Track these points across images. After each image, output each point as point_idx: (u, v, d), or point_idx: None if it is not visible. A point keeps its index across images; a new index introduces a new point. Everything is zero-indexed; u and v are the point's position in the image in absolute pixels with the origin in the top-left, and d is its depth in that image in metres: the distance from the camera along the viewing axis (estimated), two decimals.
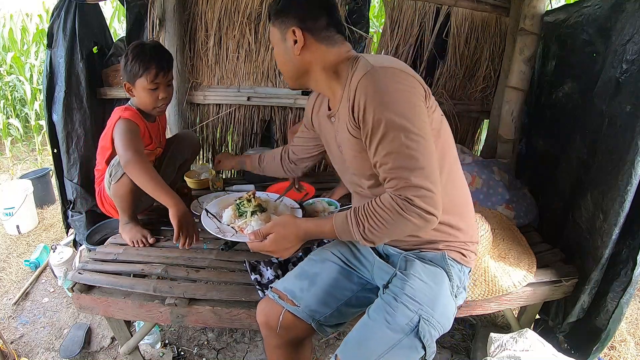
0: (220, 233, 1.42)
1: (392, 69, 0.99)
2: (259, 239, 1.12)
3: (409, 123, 0.95)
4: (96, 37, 2.39)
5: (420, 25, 2.41)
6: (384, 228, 0.99)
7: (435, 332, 1.09)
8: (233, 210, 1.51)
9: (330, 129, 1.23)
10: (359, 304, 1.29)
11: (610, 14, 1.59)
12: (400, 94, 0.97)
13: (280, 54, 1.17)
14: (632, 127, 1.34)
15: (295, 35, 1.10)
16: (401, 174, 0.96)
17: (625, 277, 1.47)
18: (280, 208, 1.58)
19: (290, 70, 1.18)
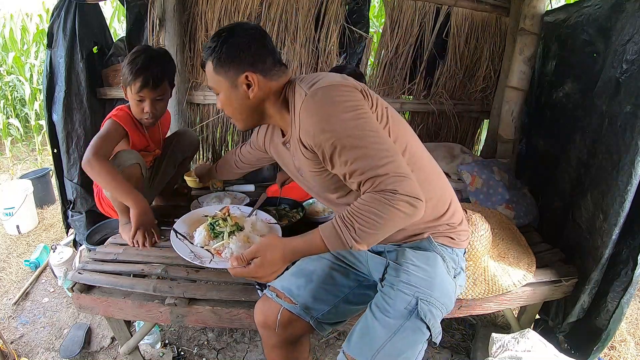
0: (196, 259, 1.29)
1: (323, 88, 1.02)
2: (242, 264, 1.04)
3: (357, 128, 0.97)
4: (96, 37, 2.39)
5: (420, 25, 2.41)
6: (376, 224, 0.95)
7: (437, 311, 1.09)
8: (206, 230, 1.38)
9: (287, 155, 1.25)
10: (357, 301, 1.30)
11: (611, 14, 1.59)
12: (340, 107, 0.99)
13: (231, 100, 1.15)
14: (632, 127, 1.35)
15: (249, 79, 1.10)
16: (373, 173, 0.95)
17: (625, 277, 1.47)
18: (259, 225, 1.45)
19: (244, 114, 1.17)
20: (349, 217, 0.98)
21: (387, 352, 1.03)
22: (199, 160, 2.76)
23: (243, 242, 1.31)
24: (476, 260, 1.48)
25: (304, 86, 1.06)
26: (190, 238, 1.38)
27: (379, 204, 0.94)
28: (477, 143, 2.84)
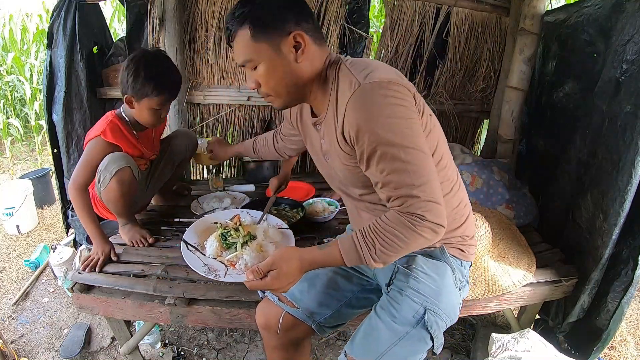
0: (211, 273, 1.23)
1: (380, 83, 0.92)
2: (258, 277, 0.99)
3: (405, 140, 0.91)
4: (96, 37, 2.39)
5: (420, 25, 2.41)
6: (397, 247, 0.94)
7: (442, 322, 1.09)
8: (218, 240, 1.32)
9: (315, 136, 1.16)
10: (359, 305, 1.30)
11: (611, 14, 1.59)
12: (393, 110, 0.91)
13: (275, 69, 1.00)
14: (632, 127, 1.34)
15: (297, 39, 0.97)
16: (407, 192, 0.92)
17: (626, 277, 1.47)
18: (271, 232, 1.39)
19: (289, 86, 1.03)
20: (371, 236, 0.96)
21: (389, 357, 1.04)
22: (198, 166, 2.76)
23: (257, 251, 1.27)
24: (476, 260, 1.48)
25: (356, 73, 0.95)
26: (201, 249, 1.32)
27: (404, 229, 0.93)
28: (477, 143, 2.84)
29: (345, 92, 0.95)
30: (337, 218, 1.91)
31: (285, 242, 1.35)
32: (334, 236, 1.70)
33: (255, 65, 1.00)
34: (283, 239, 1.37)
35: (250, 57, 0.99)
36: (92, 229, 1.59)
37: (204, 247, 1.32)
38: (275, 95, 1.05)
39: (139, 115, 1.64)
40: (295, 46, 0.98)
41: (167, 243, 1.72)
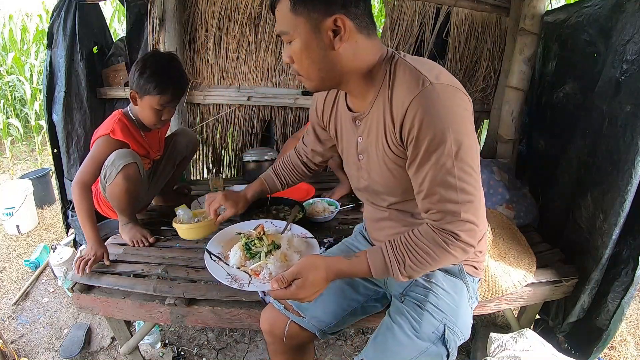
0: (234, 282, 1.20)
1: (451, 88, 0.87)
2: (283, 285, 0.95)
3: (465, 154, 0.86)
4: (96, 37, 2.39)
5: (420, 25, 2.41)
6: (426, 264, 0.93)
7: (458, 340, 1.10)
8: (242, 250, 1.28)
9: (352, 133, 1.09)
10: (364, 313, 1.30)
11: (611, 14, 1.59)
12: (460, 120, 0.86)
13: (310, 49, 0.92)
14: (632, 127, 1.34)
15: (338, 24, 0.89)
16: (450, 208, 0.89)
17: (626, 277, 1.46)
18: (295, 241, 1.35)
19: (323, 70, 0.95)
20: (402, 251, 0.94)
21: None
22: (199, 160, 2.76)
23: (281, 261, 1.24)
24: None
25: (424, 70, 0.89)
26: (224, 259, 1.30)
27: (436, 246, 0.92)
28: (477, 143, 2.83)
29: (411, 88, 0.87)
30: (337, 218, 1.91)
31: (309, 251, 1.32)
32: (334, 236, 1.70)
33: (290, 40, 0.93)
34: (307, 248, 1.34)
35: (287, 29, 0.92)
36: (89, 230, 1.57)
37: (227, 257, 1.30)
38: (306, 77, 0.98)
39: (141, 113, 1.65)
40: (335, 30, 0.90)
41: (167, 243, 1.72)
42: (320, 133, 1.31)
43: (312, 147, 1.37)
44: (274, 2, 0.93)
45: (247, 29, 2.42)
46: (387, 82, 0.95)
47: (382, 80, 0.96)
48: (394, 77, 0.93)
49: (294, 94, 2.53)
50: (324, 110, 1.20)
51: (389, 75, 0.95)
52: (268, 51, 2.47)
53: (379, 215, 1.17)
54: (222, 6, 2.37)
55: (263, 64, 2.50)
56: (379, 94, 0.96)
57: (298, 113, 2.60)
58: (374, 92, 0.98)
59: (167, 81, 1.58)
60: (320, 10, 0.88)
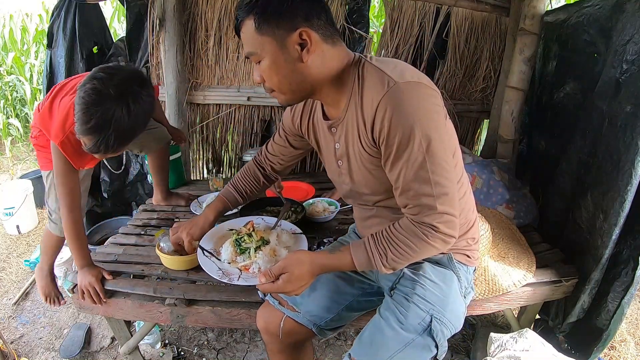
0: (225, 276, 1.24)
1: (416, 85, 0.89)
2: (270, 279, 0.99)
3: (435, 147, 0.89)
4: (96, 37, 2.39)
5: (420, 25, 2.41)
6: (407, 255, 0.97)
7: (447, 331, 1.09)
8: (232, 246, 1.33)
9: (329, 140, 1.11)
10: (360, 308, 1.30)
11: (611, 14, 1.59)
12: (427, 115, 0.89)
13: (278, 66, 0.94)
14: (632, 127, 1.34)
15: (304, 37, 0.91)
16: (426, 202, 0.92)
17: (626, 277, 1.47)
18: (284, 237, 1.39)
19: (294, 83, 0.97)
20: (384, 244, 0.97)
21: None
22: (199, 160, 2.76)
23: (270, 256, 1.28)
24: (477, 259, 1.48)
25: (388, 71, 0.91)
26: (217, 254, 1.34)
27: (416, 238, 0.95)
28: (477, 143, 2.84)
29: (378, 90, 0.90)
30: (337, 218, 1.91)
31: (298, 246, 1.36)
32: (334, 236, 1.70)
33: (259, 59, 0.95)
34: (296, 243, 1.38)
35: (254, 49, 0.94)
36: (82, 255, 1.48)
37: (220, 253, 1.34)
38: (278, 92, 1.00)
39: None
40: (301, 44, 0.92)
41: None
42: (295, 141, 1.31)
43: (280, 153, 1.35)
44: (239, 25, 0.95)
45: None
46: (356, 87, 0.97)
47: (352, 85, 0.98)
48: (363, 81, 0.96)
49: None
50: (301, 120, 1.21)
51: (357, 79, 0.97)
52: None
53: (367, 214, 1.18)
54: (222, 6, 2.37)
55: None
56: (351, 99, 0.99)
57: None
58: (346, 98, 1.00)
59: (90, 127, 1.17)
60: (284, 26, 0.91)
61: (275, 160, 1.38)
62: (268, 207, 1.92)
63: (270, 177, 1.42)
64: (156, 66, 2.47)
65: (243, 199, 1.41)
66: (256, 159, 1.43)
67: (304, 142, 1.28)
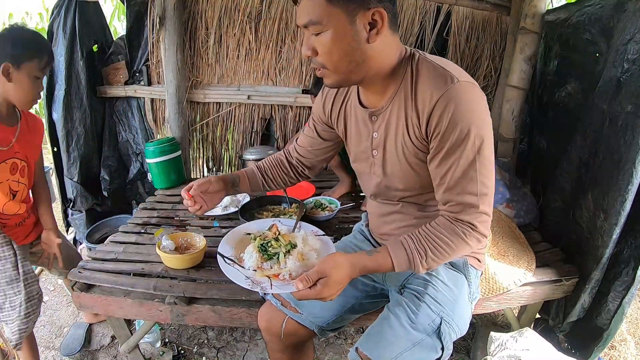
0: (255, 285, 1.11)
1: (474, 85, 0.92)
2: (308, 285, 0.93)
3: (485, 148, 0.91)
4: (96, 36, 2.39)
5: (421, 24, 2.41)
6: (446, 254, 0.97)
7: (454, 334, 1.10)
8: (257, 251, 1.21)
9: (365, 129, 1.09)
10: (363, 310, 1.30)
11: (612, 13, 1.59)
12: (482, 116, 0.91)
13: (343, 41, 0.89)
14: (633, 127, 1.34)
15: (375, 17, 0.88)
16: (470, 200, 0.94)
17: (627, 277, 1.46)
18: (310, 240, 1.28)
19: (351, 63, 0.93)
20: (423, 244, 0.96)
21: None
22: (199, 158, 2.76)
23: (301, 260, 1.18)
24: None
25: (449, 68, 0.92)
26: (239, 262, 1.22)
27: (455, 237, 0.95)
28: None
29: (439, 85, 0.90)
30: (338, 217, 1.91)
31: (325, 248, 1.26)
32: (335, 235, 1.70)
33: (320, 31, 0.90)
34: (323, 245, 1.28)
35: (319, 19, 0.88)
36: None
37: (242, 260, 1.22)
38: (332, 70, 0.95)
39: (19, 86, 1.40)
40: (371, 24, 0.89)
41: None
42: (324, 131, 1.26)
43: (309, 146, 1.30)
44: None
45: (248, 28, 2.42)
46: (409, 79, 0.96)
47: (403, 77, 0.97)
48: (418, 74, 0.95)
49: (294, 93, 2.52)
50: (332, 107, 1.18)
51: (411, 72, 0.96)
52: (268, 50, 2.47)
53: (388, 209, 1.17)
54: (222, 4, 2.37)
55: (263, 63, 2.50)
56: (399, 90, 0.98)
57: (298, 111, 2.59)
58: (394, 88, 0.99)
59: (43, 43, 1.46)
60: (358, 2, 0.87)
61: (304, 153, 1.31)
62: (269, 206, 1.92)
63: (298, 170, 1.34)
64: (156, 64, 2.47)
65: (263, 183, 1.32)
66: (285, 150, 1.37)
67: (333, 133, 1.24)
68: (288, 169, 1.34)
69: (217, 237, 1.72)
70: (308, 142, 1.30)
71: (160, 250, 1.48)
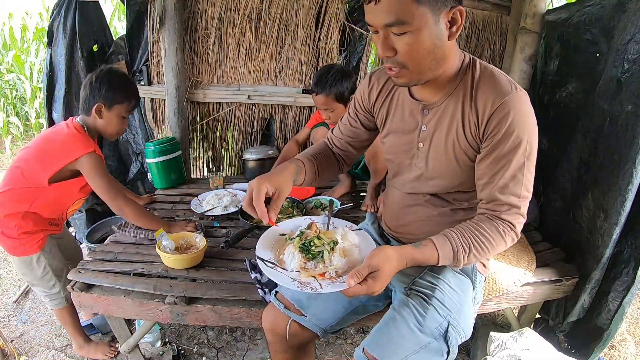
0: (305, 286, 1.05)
1: (528, 97, 1.00)
2: (359, 281, 0.91)
3: (533, 155, 0.99)
4: (96, 35, 2.39)
5: None
6: (486, 251, 1.01)
7: (460, 338, 1.11)
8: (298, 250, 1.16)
9: (412, 121, 1.11)
10: (365, 312, 1.30)
11: (613, 13, 1.58)
12: (534, 125, 0.99)
13: (429, 40, 0.91)
14: (633, 127, 1.34)
15: (455, 15, 0.91)
16: (514, 201, 1.00)
17: (627, 277, 1.46)
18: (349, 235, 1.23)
19: (433, 61, 0.95)
20: (468, 239, 1.00)
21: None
22: (199, 158, 2.76)
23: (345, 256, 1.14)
24: None
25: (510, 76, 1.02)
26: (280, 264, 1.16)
27: (496, 234, 1.00)
28: None
29: (502, 90, 0.97)
30: (338, 217, 1.91)
31: (365, 242, 1.22)
32: None
33: (406, 30, 0.89)
34: (362, 240, 1.24)
35: (406, 19, 0.87)
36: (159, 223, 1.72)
37: (283, 262, 1.17)
38: (413, 69, 0.95)
39: (107, 124, 1.66)
40: (451, 21, 0.92)
41: None
42: (365, 119, 1.25)
43: (348, 133, 1.28)
44: None
45: (248, 27, 2.42)
46: (469, 79, 1.02)
47: (463, 77, 1.03)
48: (479, 77, 1.01)
49: (294, 93, 2.52)
50: (379, 95, 1.19)
51: (471, 73, 1.02)
52: (268, 49, 2.47)
53: (413, 201, 1.20)
54: (222, 4, 2.37)
55: (263, 63, 2.50)
56: (457, 88, 1.03)
57: (298, 111, 2.59)
58: (452, 85, 1.04)
59: (134, 89, 1.73)
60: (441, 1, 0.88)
61: (343, 145, 1.29)
62: None
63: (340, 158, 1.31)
64: (156, 64, 2.47)
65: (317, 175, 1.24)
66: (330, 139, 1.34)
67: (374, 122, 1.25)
68: (334, 160, 1.31)
69: (217, 237, 1.73)
70: (348, 130, 1.28)
71: (160, 250, 1.48)
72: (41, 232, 1.63)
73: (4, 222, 1.58)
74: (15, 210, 1.56)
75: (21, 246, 1.60)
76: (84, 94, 1.63)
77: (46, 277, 1.67)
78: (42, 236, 1.63)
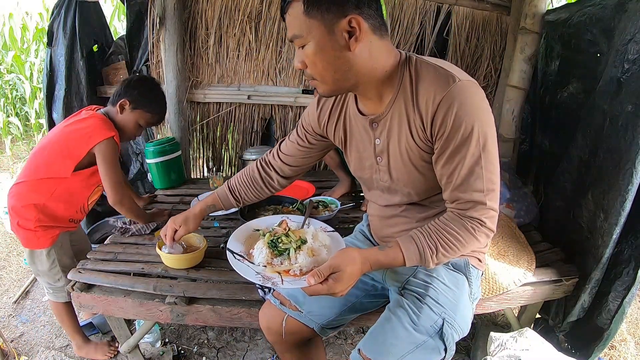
0: (267, 281, 1.10)
1: (475, 84, 0.93)
2: (320, 280, 0.92)
3: (489, 145, 0.93)
4: (96, 36, 2.39)
5: (421, 24, 2.41)
6: (456, 250, 0.98)
7: (456, 335, 1.10)
8: (267, 247, 1.20)
9: (366, 136, 1.09)
10: (363, 309, 1.30)
11: (613, 13, 1.59)
12: (484, 113, 0.93)
13: (324, 52, 0.91)
14: (633, 127, 1.34)
15: (353, 25, 0.89)
16: (477, 197, 0.95)
17: (627, 277, 1.46)
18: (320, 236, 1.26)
19: (339, 72, 0.94)
20: (434, 239, 0.98)
21: None
22: (199, 158, 2.76)
23: (310, 256, 1.17)
24: None
25: (448, 68, 0.94)
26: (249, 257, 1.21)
27: (465, 232, 0.97)
28: None
29: (441, 86, 0.91)
30: (338, 217, 1.91)
31: (335, 244, 1.26)
32: None
33: (303, 44, 0.93)
34: (333, 241, 1.28)
35: (300, 32, 0.91)
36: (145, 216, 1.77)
37: (252, 256, 1.22)
38: (320, 81, 0.97)
39: (124, 123, 1.69)
40: (349, 32, 0.90)
41: None
42: (315, 140, 1.25)
43: (295, 153, 1.28)
44: (285, 6, 0.92)
45: (248, 28, 2.42)
46: (407, 82, 0.97)
47: (401, 81, 0.98)
48: (417, 77, 0.96)
49: (294, 93, 2.52)
50: (329, 119, 1.17)
51: (409, 75, 0.97)
52: (268, 50, 2.47)
53: (391, 212, 1.18)
54: (222, 4, 2.37)
55: (263, 63, 2.50)
56: (398, 95, 0.99)
57: (298, 111, 2.59)
58: (392, 93, 1.00)
59: (163, 106, 1.76)
60: (334, 11, 0.88)
61: (288, 161, 1.30)
62: (267, 206, 1.92)
63: (272, 183, 1.34)
64: (156, 64, 2.47)
65: (237, 201, 1.36)
66: (262, 161, 1.34)
67: (325, 142, 1.25)
68: (261, 184, 1.34)
69: (217, 237, 1.73)
70: (295, 150, 1.28)
71: (160, 250, 1.48)
72: (58, 229, 1.66)
73: (21, 212, 1.58)
74: (34, 201, 1.57)
75: (35, 239, 1.61)
76: (118, 88, 1.68)
77: (53, 270, 1.68)
78: (57, 232, 1.66)
